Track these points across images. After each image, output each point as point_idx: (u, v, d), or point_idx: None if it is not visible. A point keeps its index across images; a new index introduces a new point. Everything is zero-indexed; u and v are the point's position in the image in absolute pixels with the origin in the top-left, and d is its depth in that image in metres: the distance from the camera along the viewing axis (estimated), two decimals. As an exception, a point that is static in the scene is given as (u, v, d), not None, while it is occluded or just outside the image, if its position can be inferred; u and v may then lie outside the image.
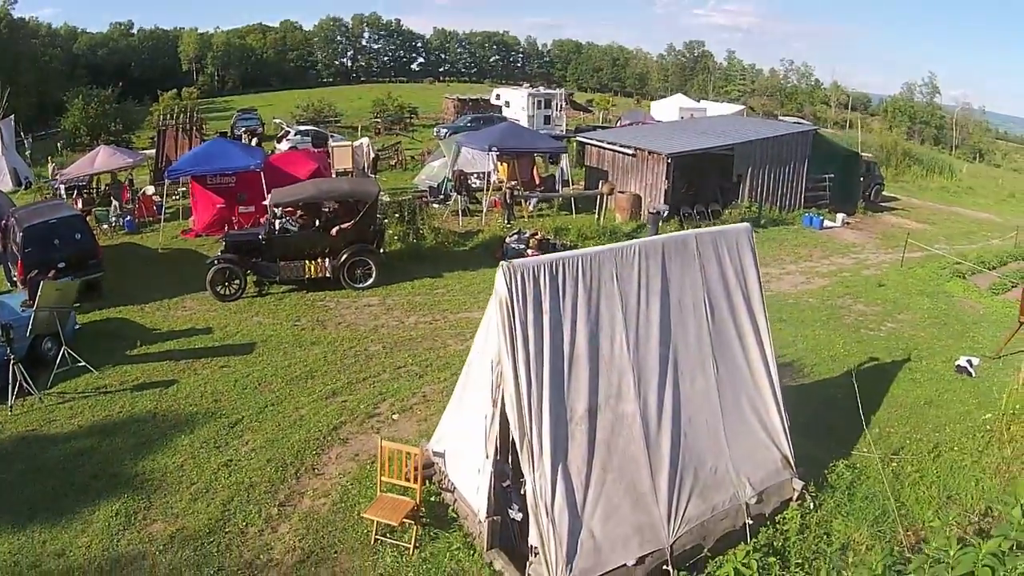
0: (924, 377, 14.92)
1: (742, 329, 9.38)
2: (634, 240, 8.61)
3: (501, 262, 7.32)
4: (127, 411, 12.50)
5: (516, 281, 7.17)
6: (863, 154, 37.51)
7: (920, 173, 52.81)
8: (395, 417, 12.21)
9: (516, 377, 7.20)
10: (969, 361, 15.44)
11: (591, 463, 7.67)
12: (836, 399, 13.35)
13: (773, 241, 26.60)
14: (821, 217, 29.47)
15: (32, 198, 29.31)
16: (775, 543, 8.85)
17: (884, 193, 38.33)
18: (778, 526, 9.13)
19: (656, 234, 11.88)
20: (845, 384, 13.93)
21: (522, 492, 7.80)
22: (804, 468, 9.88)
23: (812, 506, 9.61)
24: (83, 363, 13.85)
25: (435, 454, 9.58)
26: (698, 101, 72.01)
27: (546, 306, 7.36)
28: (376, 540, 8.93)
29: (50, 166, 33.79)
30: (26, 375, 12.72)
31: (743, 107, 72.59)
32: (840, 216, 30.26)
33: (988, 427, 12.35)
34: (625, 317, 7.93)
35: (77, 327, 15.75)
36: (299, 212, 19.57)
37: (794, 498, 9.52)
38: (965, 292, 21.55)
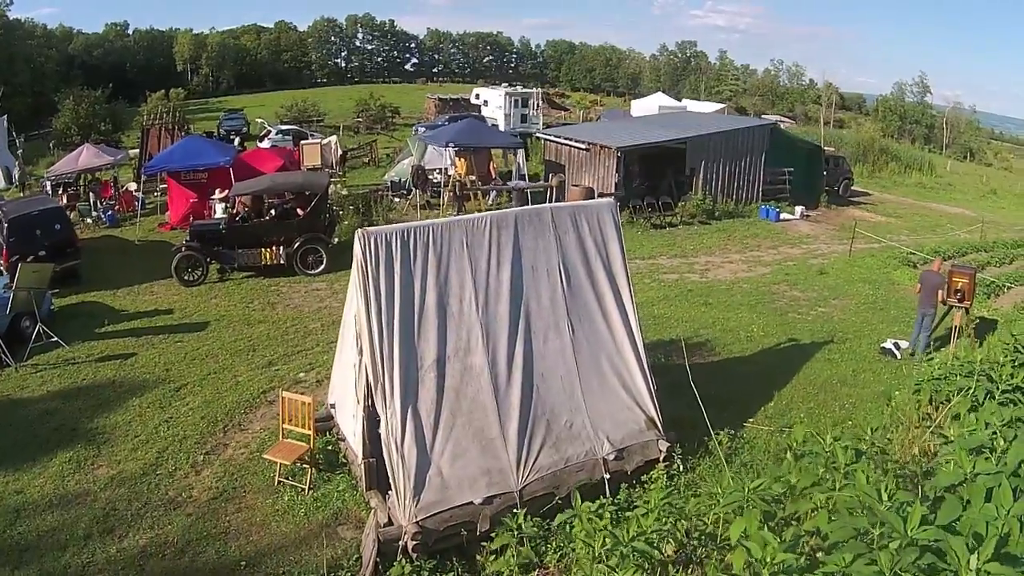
0: (843, 358, 15.07)
1: (602, 296, 10.00)
2: (488, 213, 9.73)
3: (358, 229, 8.54)
4: (90, 379, 14.03)
5: (371, 246, 8.32)
6: (827, 148, 38.54)
7: (897, 169, 53.19)
8: (302, 375, 13.80)
9: (370, 330, 8.31)
10: (896, 344, 15.45)
11: (440, 407, 8.54)
12: (741, 374, 13.87)
13: (723, 232, 27.44)
14: (777, 210, 30.03)
15: (28, 191, 30.95)
16: (636, 502, 8.67)
17: (855, 188, 38.91)
18: (644, 486, 9.35)
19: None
20: (756, 362, 14.70)
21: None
22: (675, 433, 10.24)
23: (681, 467, 9.89)
24: (56, 339, 15.36)
25: (330, 406, 10.90)
26: (679, 100, 73.01)
27: (398, 268, 8.45)
28: (279, 482, 10.25)
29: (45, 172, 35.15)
30: (5, 349, 14.46)
31: (724, 106, 73.45)
32: (799, 209, 30.82)
33: (895, 404, 11.52)
34: (475, 280, 8.96)
35: (54, 308, 17.34)
36: (248, 204, 21.00)
37: (660, 458, 9.86)
38: (911, 280, 20.29)
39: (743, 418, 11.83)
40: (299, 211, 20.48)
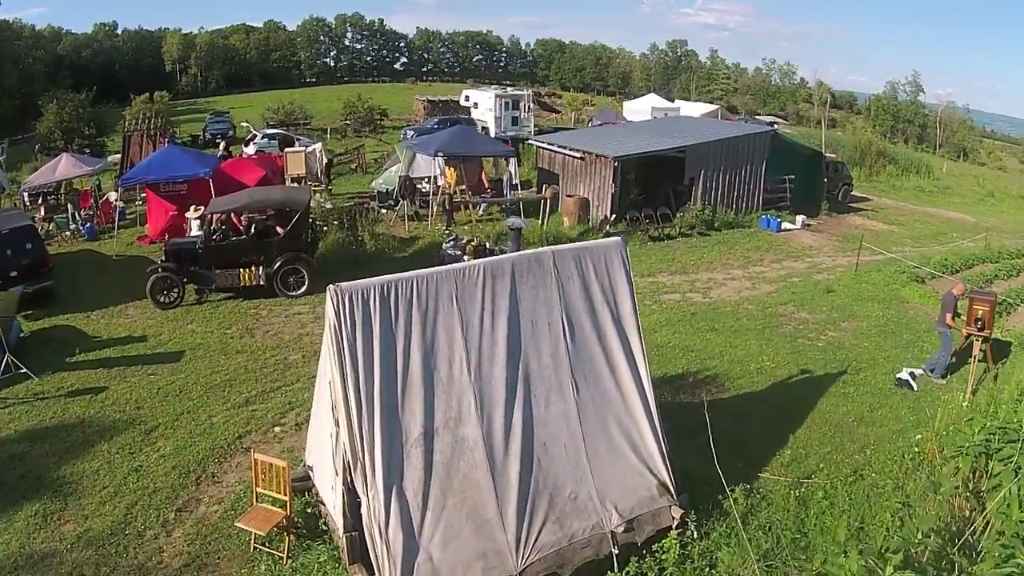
0: (858, 391, 14.31)
1: (610, 349, 9.09)
2: (478, 260, 8.70)
3: (329, 285, 7.51)
4: (58, 417, 13.14)
5: (344, 304, 7.34)
6: (828, 154, 37.75)
7: (895, 173, 52.62)
8: (276, 429, 12.52)
9: (347, 400, 7.36)
10: (911, 374, 14.82)
11: (428, 486, 7.67)
12: (754, 415, 13.00)
13: (723, 245, 26.57)
14: (779, 219, 29.23)
15: (7, 203, 29.80)
16: (648, 574, 8.28)
17: (854, 193, 38.21)
18: (655, 555, 8.50)
19: (517, 251, 11.88)
20: (768, 398, 13.82)
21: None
22: (687, 493, 9.44)
23: (695, 535, 9.00)
24: (25, 370, 14.50)
25: (308, 466, 9.92)
26: (672, 101, 72.31)
27: (376, 329, 7.48)
28: (255, 548, 9.29)
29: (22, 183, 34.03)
30: (-30, 382, 13.52)
31: (719, 107, 72.69)
32: (800, 218, 30.03)
33: (918, 448, 11.17)
34: (466, 339, 8.01)
35: (24, 334, 16.44)
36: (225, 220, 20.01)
37: (674, 526, 8.99)
38: (921, 299, 20.79)
39: (758, 467, 11.10)
40: (279, 229, 19.46)
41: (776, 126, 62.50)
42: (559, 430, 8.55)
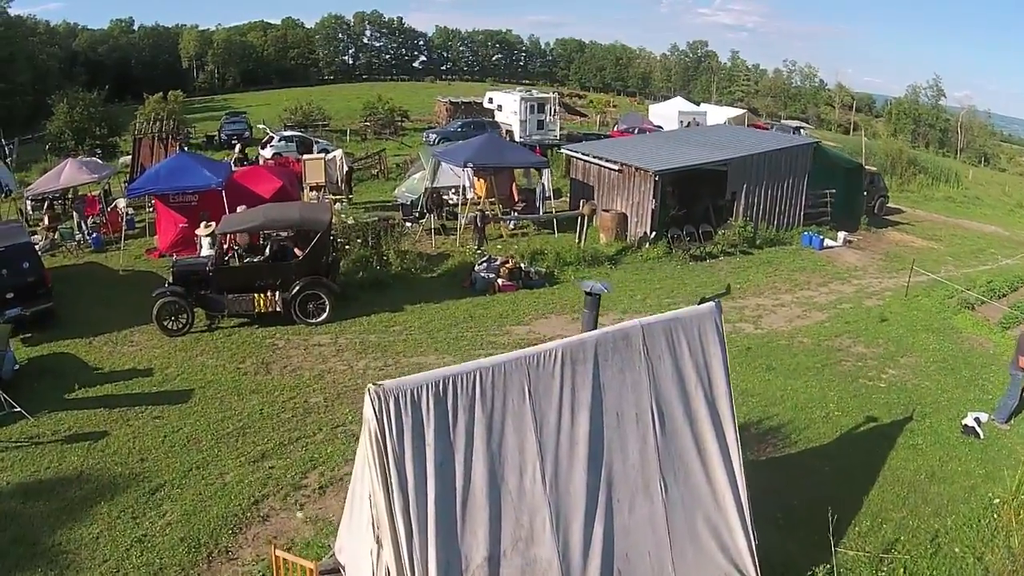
0: (927, 442, 13.43)
1: (702, 437, 7.85)
2: (557, 342, 7.09)
3: (369, 385, 5.92)
4: (55, 467, 11.87)
5: (389, 409, 5.81)
6: (869, 167, 36.27)
7: (925, 182, 51.22)
8: (299, 516, 10.76)
9: (393, 522, 5.88)
10: (977, 420, 14.04)
11: None
12: (823, 473, 12.01)
13: (768, 265, 25.16)
14: (821, 236, 27.86)
15: (10, 207, 28.41)
16: None
17: (888, 205, 37.08)
18: None
19: (594, 321, 10.16)
20: (836, 454, 12.84)
21: None
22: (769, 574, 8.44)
23: None
24: (19, 409, 13.20)
25: (339, 563, 8.33)
26: (698, 104, 70.62)
27: (430, 438, 5.99)
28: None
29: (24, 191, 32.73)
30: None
31: (745, 111, 70.96)
32: (841, 235, 28.64)
33: (995, 513, 10.79)
34: (540, 443, 6.57)
35: (18, 367, 15.02)
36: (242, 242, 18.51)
37: None
38: (974, 328, 19.95)
39: (835, 538, 9.88)
40: (297, 251, 17.91)
41: (803, 131, 61.20)
42: (643, 537, 7.26)
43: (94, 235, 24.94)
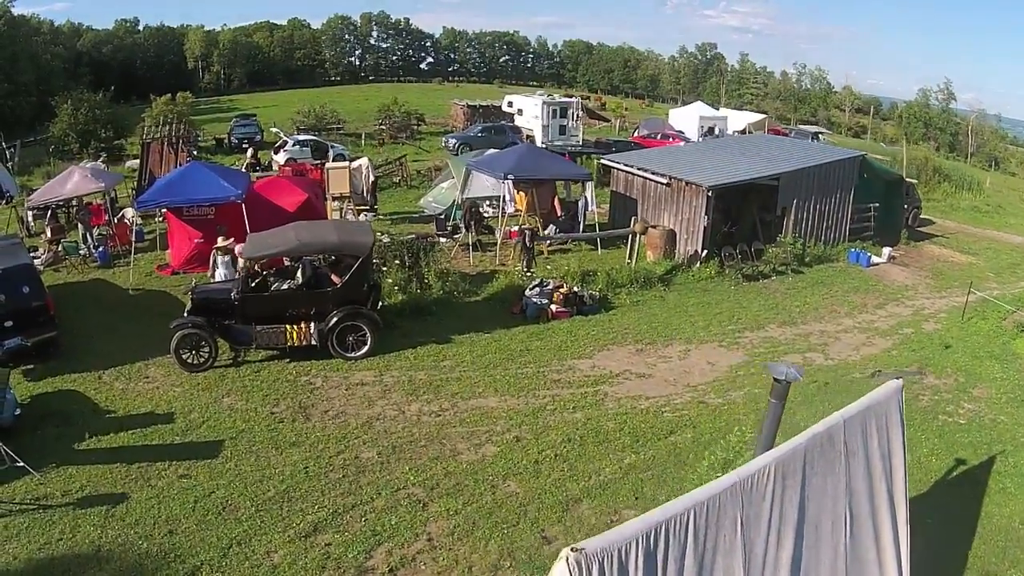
0: (1014, 484, 12.84)
1: (881, 533, 6.75)
2: (768, 455, 5.64)
3: (565, 550, 4.23)
4: (67, 540, 10.14)
5: None
6: (908, 179, 34.94)
7: (950, 191, 50.11)
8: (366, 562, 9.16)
9: None
10: None
11: None
12: (928, 525, 10.82)
13: (822, 285, 23.78)
14: (868, 253, 26.59)
15: (10, 215, 26.78)
16: None
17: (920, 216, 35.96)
18: None
19: (779, 414, 8.19)
20: (936, 503, 12.09)
21: None
22: None
23: None
24: (22, 463, 11.44)
25: None
26: (718, 109, 69.04)
27: None
28: None
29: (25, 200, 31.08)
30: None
31: (764, 116, 69.27)
32: (886, 251, 27.40)
33: None
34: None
35: (19, 410, 13.16)
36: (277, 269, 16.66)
37: None
38: None
39: None
40: (333, 276, 16.09)
41: (821, 137, 59.62)
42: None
43: (100, 248, 23.12)
